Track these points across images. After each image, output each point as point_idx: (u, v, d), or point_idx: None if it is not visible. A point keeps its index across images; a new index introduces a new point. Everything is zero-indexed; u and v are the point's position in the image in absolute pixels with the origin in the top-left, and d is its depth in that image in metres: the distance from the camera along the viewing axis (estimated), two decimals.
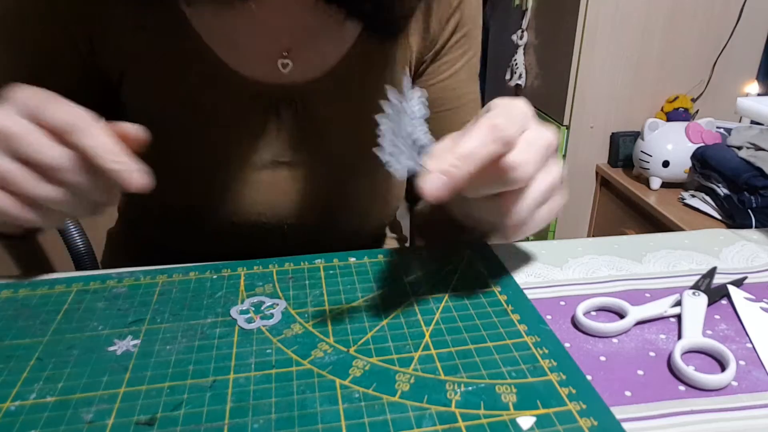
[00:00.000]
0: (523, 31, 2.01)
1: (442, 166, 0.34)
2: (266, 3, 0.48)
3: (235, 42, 0.50)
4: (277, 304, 0.41)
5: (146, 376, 0.34)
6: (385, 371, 0.35)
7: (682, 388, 0.35)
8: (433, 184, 0.34)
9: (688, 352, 0.38)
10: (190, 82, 0.50)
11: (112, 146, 0.37)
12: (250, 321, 0.39)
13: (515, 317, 0.39)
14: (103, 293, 0.43)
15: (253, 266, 0.46)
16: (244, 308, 0.41)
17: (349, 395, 0.33)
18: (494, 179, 0.37)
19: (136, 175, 0.37)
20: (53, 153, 0.37)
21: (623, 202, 1.72)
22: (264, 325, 0.39)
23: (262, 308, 0.41)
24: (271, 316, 0.40)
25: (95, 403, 0.32)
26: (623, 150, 1.75)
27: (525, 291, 0.43)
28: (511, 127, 0.36)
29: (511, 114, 0.37)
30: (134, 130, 0.39)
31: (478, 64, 0.62)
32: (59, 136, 0.37)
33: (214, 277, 0.45)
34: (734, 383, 0.35)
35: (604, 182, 1.82)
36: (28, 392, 0.33)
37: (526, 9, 1.97)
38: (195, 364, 0.35)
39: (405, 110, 0.36)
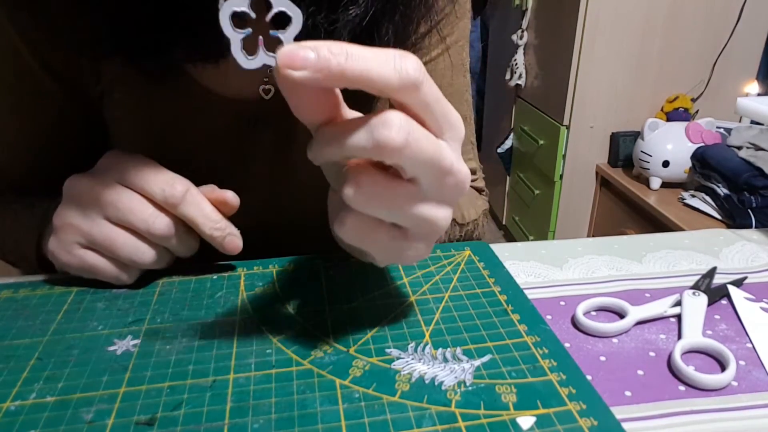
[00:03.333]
0: (523, 31, 2.01)
1: (316, 44, 0.26)
2: None
3: (215, 68, 0.47)
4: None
5: (146, 376, 0.34)
6: (385, 371, 0.35)
7: (682, 388, 0.35)
8: (293, 52, 0.26)
9: (688, 352, 0.38)
10: (168, 104, 0.49)
11: (211, 213, 0.41)
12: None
13: (515, 317, 0.39)
14: (103, 293, 0.43)
15: (253, 266, 0.46)
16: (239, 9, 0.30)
17: (349, 395, 0.33)
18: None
19: (232, 239, 0.42)
20: (156, 219, 0.40)
21: (623, 202, 1.73)
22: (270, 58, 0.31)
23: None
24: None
25: (95, 403, 0.32)
26: (623, 150, 1.75)
27: (525, 291, 0.43)
28: (423, 76, 0.28)
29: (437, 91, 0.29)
30: (231, 196, 0.42)
31: (464, 54, 0.56)
32: (158, 203, 0.40)
33: (214, 277, 0.45)
34: (734, 383, 0.35)
35: (604, 182, 1.82)
36: (28, 392, 0.33)
37: (526, 9, 1.98)
38: (195, 364, 0.35)
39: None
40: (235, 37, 0.30)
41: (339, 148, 0.29)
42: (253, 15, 0.30)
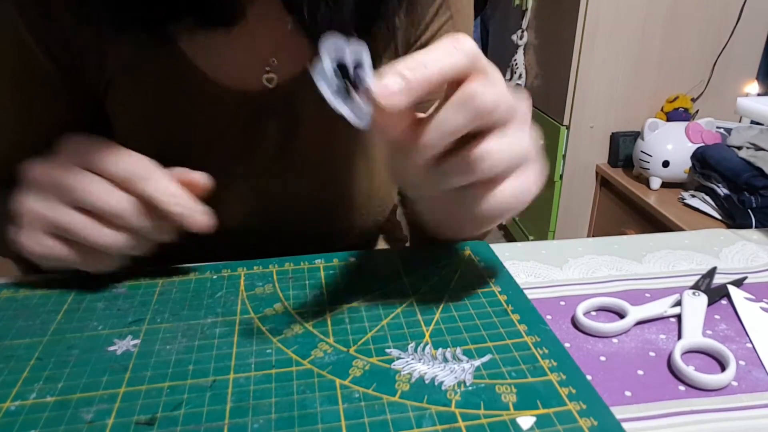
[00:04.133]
0: (523, 31, 2.01)
1: (397, 70, 0.30)
2: (249, 19, 0.47)
3: (218, 54, 0.49)
4: None
5: (146, 376, 0.34)
6: (385, 371, 0.35)
7: (682, 388, 0.35)
8: (387, 86, 0.29)
9: (688, 352, 0.38)
10: (173, 94, 0.49)
11: (174, 190, 0.39)
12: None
13: (515, 317, 0.39)
14: (103, 293, 0.43)
15: (253, 266, 0.46)
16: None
17: (349, 395, 0.33)
18: (462, 165, 0.33)
19: (198, 216, 0.40)
20: (115, 200, 0.38)
21: (623, 202, 1.73)
22: None
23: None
24: None
25: (95, 403, 0.32)
26: (623, 150, 1.75)
27: (525, 291, 0.43)
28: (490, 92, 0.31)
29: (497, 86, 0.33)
30: (199, 176, 0.41)
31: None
32: (120, 184, 0.39)
33: (214, 277, 0.45)
34: (734, 383, 0.35)
35: (604, 182, 1.82)
36: (28, 392, 0.33)
37: (526, 9, 1.98)
38: (195, 364, 0.35)
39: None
40: (333, 84, 0.31)
41: (446, 138, 0.32)
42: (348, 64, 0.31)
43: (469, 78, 0.31)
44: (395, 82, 0.29)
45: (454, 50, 0.31)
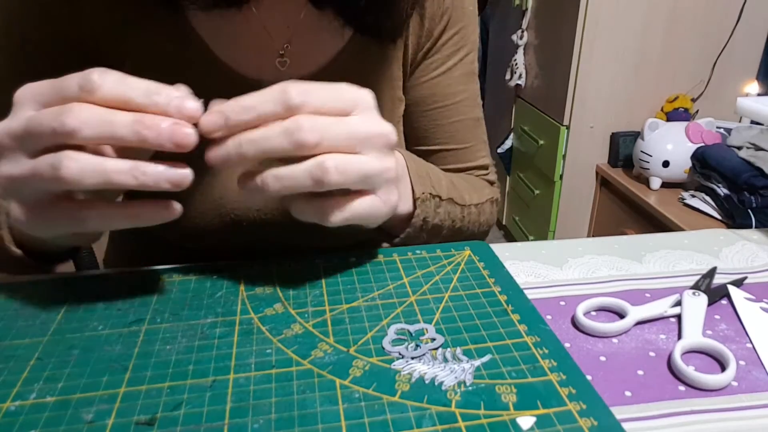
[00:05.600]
0: (523, 31, 2.01)
1: (222, 110, 0.36)
2: (264, 3, 0.49)
3: (234, 40, 0.50)
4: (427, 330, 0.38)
5: (146, 376, 0.34)
6: (385, 371, 0.35)
7: (682, 388, 0.35)
8: (207, 119, 0.35)
9: (688, 352, 0.38)
10: (189, 80, 0.50)
11: (145, 84, 0.34)
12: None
13: (515, 317, 0.39)
14: (103, 293, 0.43)
15: (253, 266, 0.46)
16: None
17: (349, 395, 0.33)
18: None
19: (183, 102, 0.34)
20: (86, 117, 0.32)
21: (623, 202, 1.73)
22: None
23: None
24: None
25: (95, 403, 0.32)
26: (623, 150, 1.75)
27: (525, 291, 0.43)
28: (304, 96, 0.35)
29: (327, 90, 0.37)
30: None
31: (475, 61, 0.61)
32: (80, 99, 0.33)
33: (214, 277, 0.45)
34: (734, 383, 0.35)
35: (604, 182, 1.82)
36: (28, 392, 0.33)
37: (526, 9, 1.97)
38: (195, 364, 0.35)
39: None
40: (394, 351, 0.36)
41: (259, 153, 0.35)
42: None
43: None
44: (216, 121, 0.35)
45: (276, 101, 0.35)
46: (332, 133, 0.35)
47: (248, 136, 0.35)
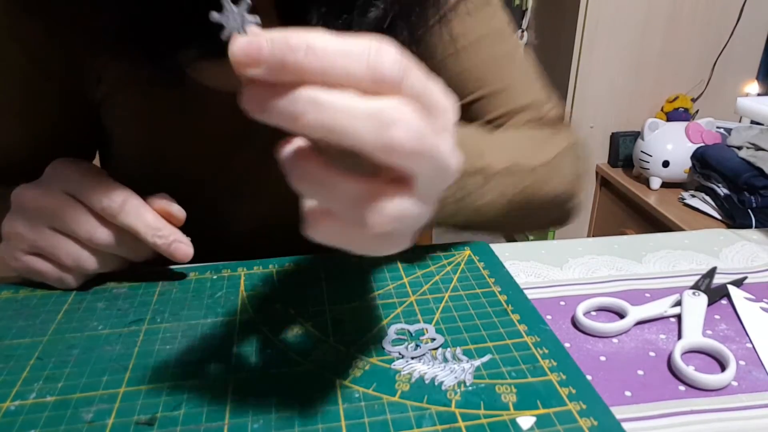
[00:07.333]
0: (523, 31, 2.01)
1: (273, 39, 0.22)
2: None
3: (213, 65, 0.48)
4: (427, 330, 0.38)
5: (146, 376, 0.34)
6: (385, 371, 0.35)
7: (682, 388, 0.35)
8: (241, 44, 0.22)
9: (688, 352, 0.38)
10: (173, 105, 0.49)
11: (153, 221, 0.41)
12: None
13: (515, 317, 0.39)
14: (103, 293, 0.43)
15: (253, 266, 0.46)
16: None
17: (349, 395, 0.33)
18: None
19: (179, 246, 0.41)
20: (100, 233, 0.40)
21: (623, 202, 1.72)
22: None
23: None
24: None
25: (95, 403, 0.32)
26: (623, 150, 1.75)
27: (525, 291, 0.43)
28: (405, 72, 0.23)
29: (425, 76, 0.24)
30: (176, 210, 0.42)
31: (498, 19, 0.54)
32: (100, 213, 0.40)
33: (214, 277, 0.45)
34: (734, 383, 0.35)
35: (604, 182, 1.82)
36: (28, 392, 0.33)
37: (526, 9, 1.97)
38: (195, 364, 0.35)
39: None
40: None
41: (321, 127, 0.23)
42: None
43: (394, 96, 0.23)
44: (257, 45, 0.22)
45: (362, 58, 0.22)
46: (426, 146, 0.24)
47: (317, 95, 0.22)
